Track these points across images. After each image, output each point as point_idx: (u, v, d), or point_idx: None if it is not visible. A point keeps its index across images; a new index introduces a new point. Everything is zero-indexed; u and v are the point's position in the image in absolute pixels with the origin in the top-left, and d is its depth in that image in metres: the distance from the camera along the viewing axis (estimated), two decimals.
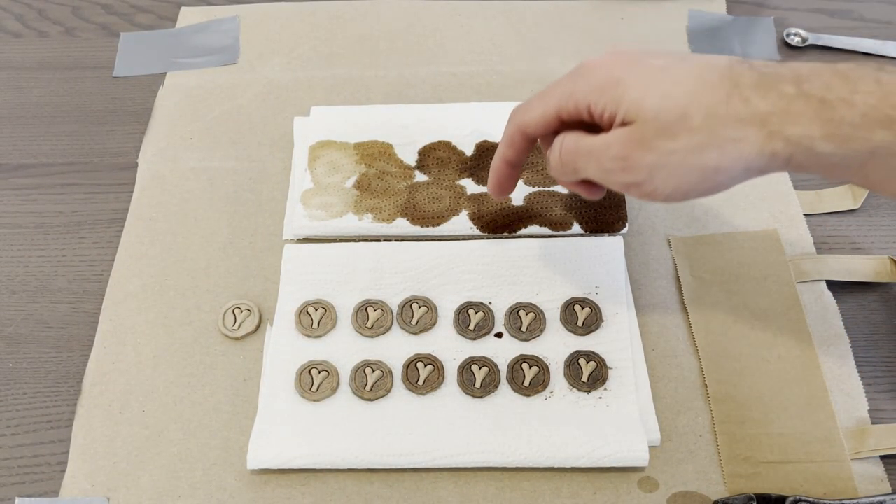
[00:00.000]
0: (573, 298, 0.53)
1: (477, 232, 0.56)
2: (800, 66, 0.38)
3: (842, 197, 0.59)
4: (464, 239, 0.56)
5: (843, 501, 0.45)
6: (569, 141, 0.43)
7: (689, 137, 0.38)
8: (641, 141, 0.39)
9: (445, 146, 0.61)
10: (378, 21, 0.72)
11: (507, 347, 0.52)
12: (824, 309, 0.53)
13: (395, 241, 0.56)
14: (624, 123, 0.40)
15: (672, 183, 0.40)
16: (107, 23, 0.74)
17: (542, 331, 0.52)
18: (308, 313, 0.53)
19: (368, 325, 0.53)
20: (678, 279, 0.55)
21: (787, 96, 0.37)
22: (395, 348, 0.52)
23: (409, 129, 0.62)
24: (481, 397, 0.50)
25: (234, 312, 0.54)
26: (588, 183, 0.46)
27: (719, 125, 0.38)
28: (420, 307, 0.53)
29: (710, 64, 0.39)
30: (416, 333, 0.52)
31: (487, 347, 0.52)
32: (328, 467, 0.47)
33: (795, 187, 0.60)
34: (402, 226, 0.57)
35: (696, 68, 0.39)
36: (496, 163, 0.49)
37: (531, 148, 0.47)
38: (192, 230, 0.58)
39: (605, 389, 0.50)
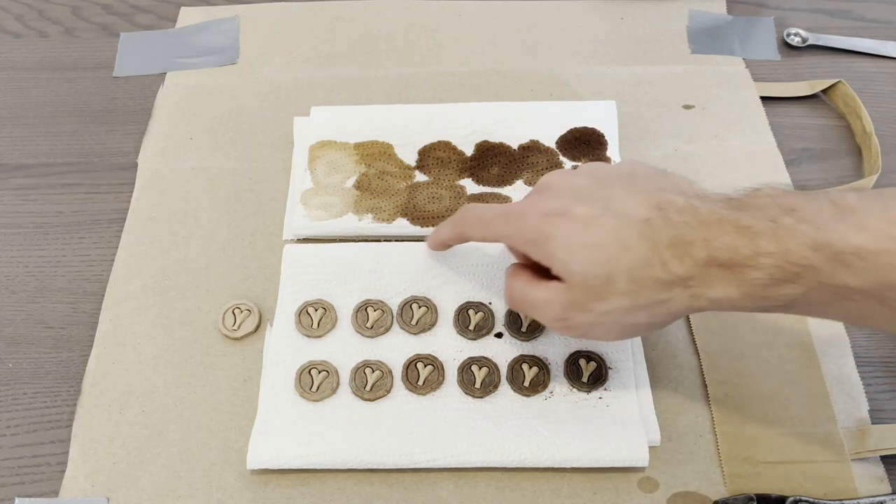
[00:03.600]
0: None
1: None
2: (708, 215, 0.39)
3: None
4: None
5: (843, 501, 0.45)
6: (517, 289, 0.46)
7: (619, 300, 0.41)
8: (576, 304, 0.42)
9: (445, 146, 0.61)
10: (378, 21, 0.72)
11: (507, 347, 0.52)
12: None
13: (395, 241, 0.56)
14: (556, 279, 0.43)
15: (611, 334, 0.44)
16: (107, 23, 0.74)
17: (542, 331, 0.52)
18: (308, 313, 0.53)
19: (368, 325, 0.53)
20: None
21: (700, 262, 0.39)
22: (395, 348, 0.52)
23: (409, 129, 0.62)
24: (481, 397, 0.50)
25: (234, 312, 0.54)
26: None
27: (644, 289, 0.40)
28: (420, 307, 0.53)
29: (630, 220, 0.41)
30: (416, 333, 0.52)
31: (487, 347, 0.52)
32: (328, 467, 0.47)
33: (795, 187, 0.60)
34: (402, 226, 0.57)
35: (615, 226, 0.41)
36: (436, 240, 0.53)
37: None
38: (192, 230, 0.58)
39: (605, 390, 0.50)
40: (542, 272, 0.44)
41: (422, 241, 0.56)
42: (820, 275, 0.37)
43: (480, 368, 0.50)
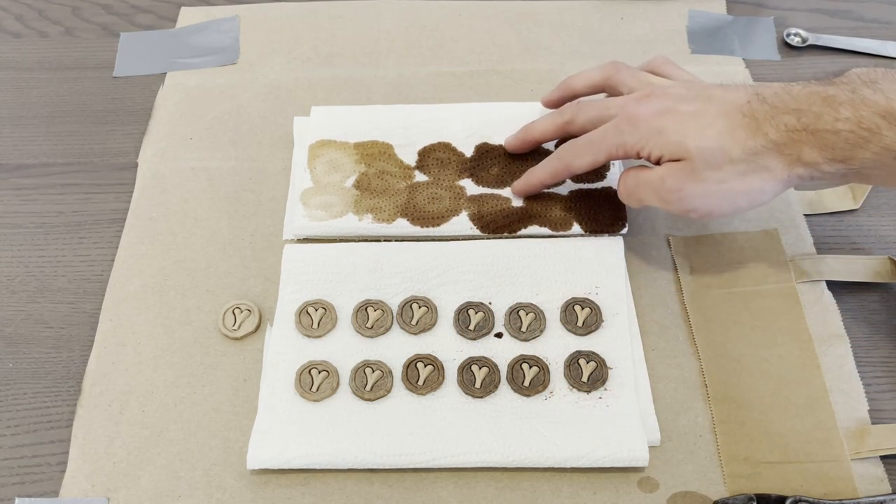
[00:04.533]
0: (573, 298, 0.53)
1: (477, 232, 0.56)
2: (799, 92, 0.45)
3: (842, 197, 0.59)
4: (464, 239, 0.56)
5: (843, 501, 0.45)
6: (631, 177, 0.51)
7: (733, 168, 0.46)
8: (692, 174, 0.47)
9: (445, 147, 0.61)
10: (378, 21, 0.72)
11: (507, 347, 0.52)
12: (824, 309, 0.53)
13: (395, 241, 0.56)
14: (671, 160, 0.48)
15: (725, 206, 0.48)
16: (107, 23, 0.74)
17: (542, 331, 0.52)
18: (308, 313, 0.53)
19: (368, 325, 0.53)
20: (678, 279, 0.55)
21: (791, 128, 0.45)
22: (395, 348, 0.52)
23: (409, 129, 0.62)
24: (481, 397, 0.50)
25: (234, 312, 0.54)
26: None
27: (753, 156, 0.46)
28: (420, 307, 0.53)
29: (732, 105, 0.47)
30: (416, 333, 0.52)
31: (487, 347, 0.52)
32: (328, 467, 0.47)
33: (795, 187, 0.60)
34: (402, 226, 0.57)
35: (722, 110, 0.47)
36: (533, 182, 0.56)
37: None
38: (192, 230, 0.58)
39: (605, 390, 0.50)
40: None
41: (422, 241, 0.56)
42: (883, 140, 0.43)
43: (480, 368, 0.50)
